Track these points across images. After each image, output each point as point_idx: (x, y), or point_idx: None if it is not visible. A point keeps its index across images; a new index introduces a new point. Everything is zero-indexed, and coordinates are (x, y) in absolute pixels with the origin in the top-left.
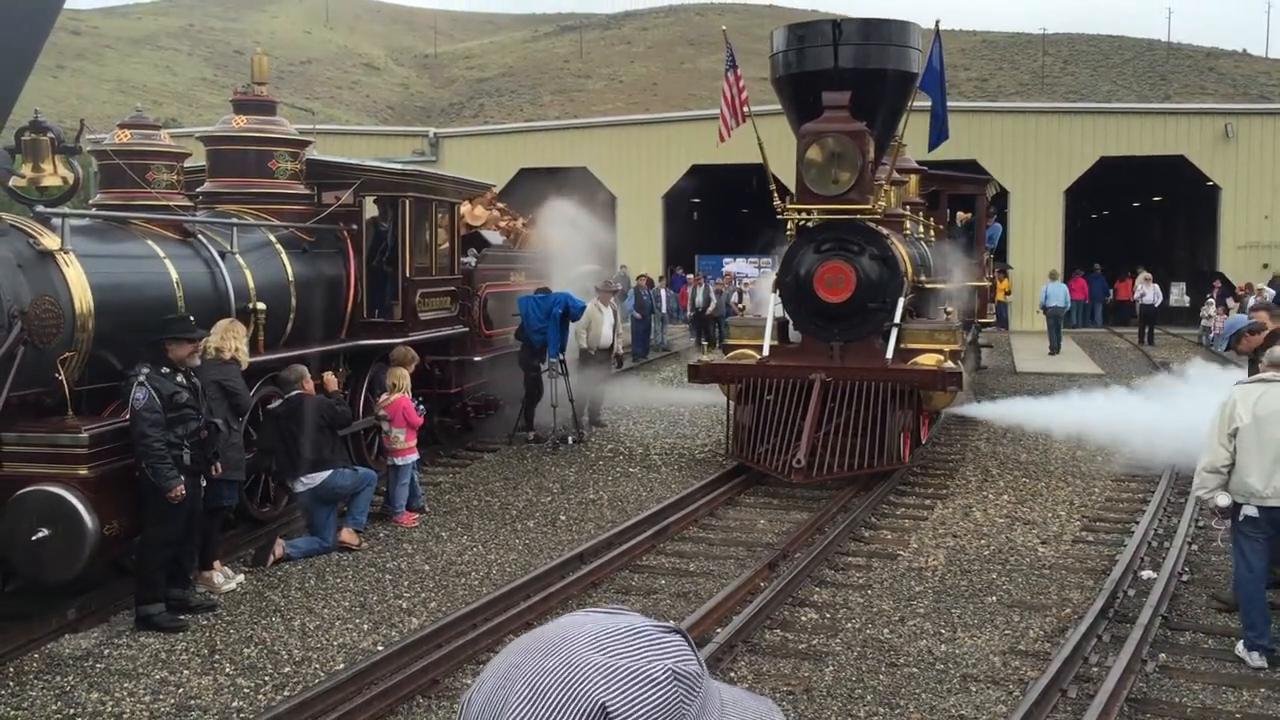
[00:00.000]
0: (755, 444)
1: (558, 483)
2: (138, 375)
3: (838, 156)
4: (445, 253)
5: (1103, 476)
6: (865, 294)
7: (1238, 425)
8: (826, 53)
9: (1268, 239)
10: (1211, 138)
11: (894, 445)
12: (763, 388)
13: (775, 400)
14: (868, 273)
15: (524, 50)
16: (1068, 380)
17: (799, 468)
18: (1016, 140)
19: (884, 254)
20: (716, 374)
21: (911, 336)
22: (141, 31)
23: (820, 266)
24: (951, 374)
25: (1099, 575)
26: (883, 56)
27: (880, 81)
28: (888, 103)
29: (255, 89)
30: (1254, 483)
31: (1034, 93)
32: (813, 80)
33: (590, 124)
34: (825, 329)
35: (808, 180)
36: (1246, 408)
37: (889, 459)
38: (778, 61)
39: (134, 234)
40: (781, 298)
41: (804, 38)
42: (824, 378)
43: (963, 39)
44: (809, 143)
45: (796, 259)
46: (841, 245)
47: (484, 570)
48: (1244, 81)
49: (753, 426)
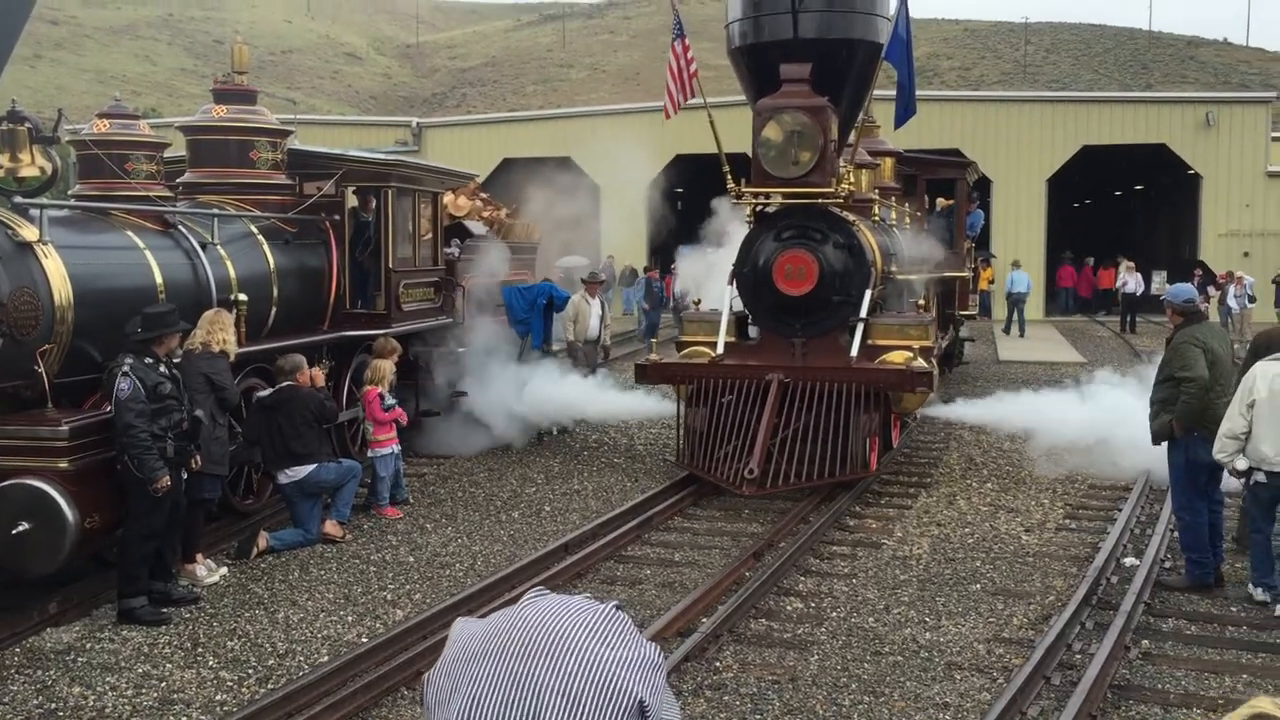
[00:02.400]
0: (710, 451)
1: (542, 473)
2: (121, 366)
3: (797, 135)
4: (428, 243)
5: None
6: (829, 286)
7: (1255, 398)
8: (785, 21)
9: (1248, 227)
10: (1193, 126)
11: (859, 452)
12: (717, 389)
13: (731, 403)
14: (831, 263)
15: (507, 40)
16: (1050, 369)
17: (751, 478)
18: (999, 129)
19: (849, 242)
20: (666, 374)
21: (880, 332)
22: (120, 21)
23: (780, 256)
24: (921, 373)
25: (1082, 563)
26: (847, 25)
27: (844, 53)
28: (853, 76)
29: (235, 78)
30: (1267, 450)
31: (1017, 82)
32: (770, 51)
33: (573, 114)
34: (786, 324)
35: (765, 161)
36: (1265, 383)
37: (854, 467)
38: (733, 31)
39: (113, 225)
40: (739, 290)
41: (760, 4)
42: (782, 378)
43: (945, 28)
44: (766, 119)
45: (755, 248)
46: (803, 233)
47: (469, 561)
48: (1225, 70)
49: (706, 432)
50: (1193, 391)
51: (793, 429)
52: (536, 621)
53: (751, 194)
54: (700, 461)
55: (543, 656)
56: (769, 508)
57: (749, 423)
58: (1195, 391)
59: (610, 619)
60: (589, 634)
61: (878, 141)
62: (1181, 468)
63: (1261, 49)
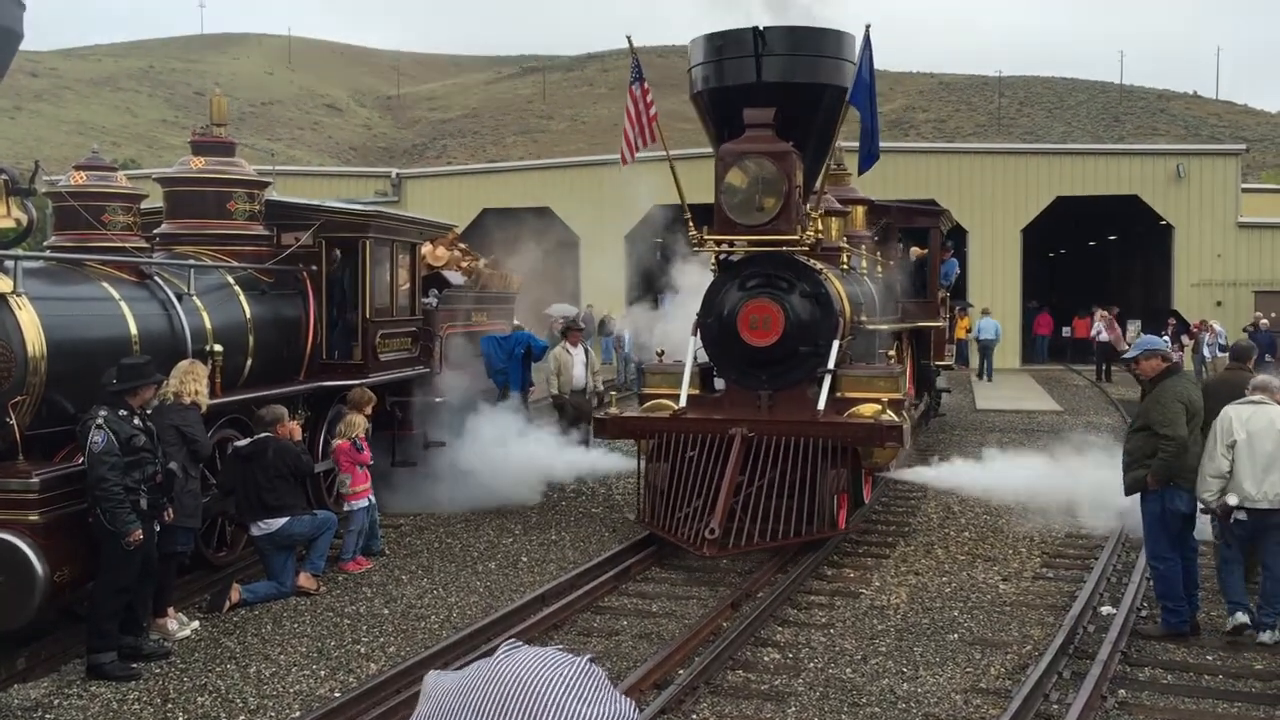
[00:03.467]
0: (671, 508)
1: (519, 524)
2: (95, 418)
3: (761, 181)
4: (406, 293)
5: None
6: (795, 336)
7: (1236, 439)
8: (748, 65)
9: (1220, 277)
10: (1164, 178)
11: (827, 509)
12: (679, 444)
13: (694, 458)
14: (798, 312)
15: (487, 91)
16: (1027, 417)
17: (712, 538)
18: (975, 180)
19: (816, 291)
20: (625, 429)
21: (849, 384)
22: (101, 73)
23: (744, 306)
24: (890, 427)
25: (1059, 611)
26: (812, 69)
27: (809, 97)
28: (818, 121)
29: (214, 130)
30: (1249, 488)
31: (991, 134)
32: (733, 96)
33: (553, 164)
34: (751, 376)
35: (728, 208)
36: (1241, 425)
37: (821, 525)
38: (695, 76)
39: (88, 276)
40: (703, 341)
41: (723, 48)
42: (745, 432)
43: (921, 81)
44: (728, 165)
45: (719, 297)
46: (769, 282)
47: (444, 613)
48: (1195, 123)
49: (667, 489)
50: (1171, 450)
51: (756, 486)
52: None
53: (715, 241)
54: (661, 520)
55: (518, 712)
56: (747, 557)
57: (712, 479)
58: (1174, 450)
59: (585, 674)
60: (565, 689)
61: (849, 189)
62: (1157, 517)
63: (1230, 102)
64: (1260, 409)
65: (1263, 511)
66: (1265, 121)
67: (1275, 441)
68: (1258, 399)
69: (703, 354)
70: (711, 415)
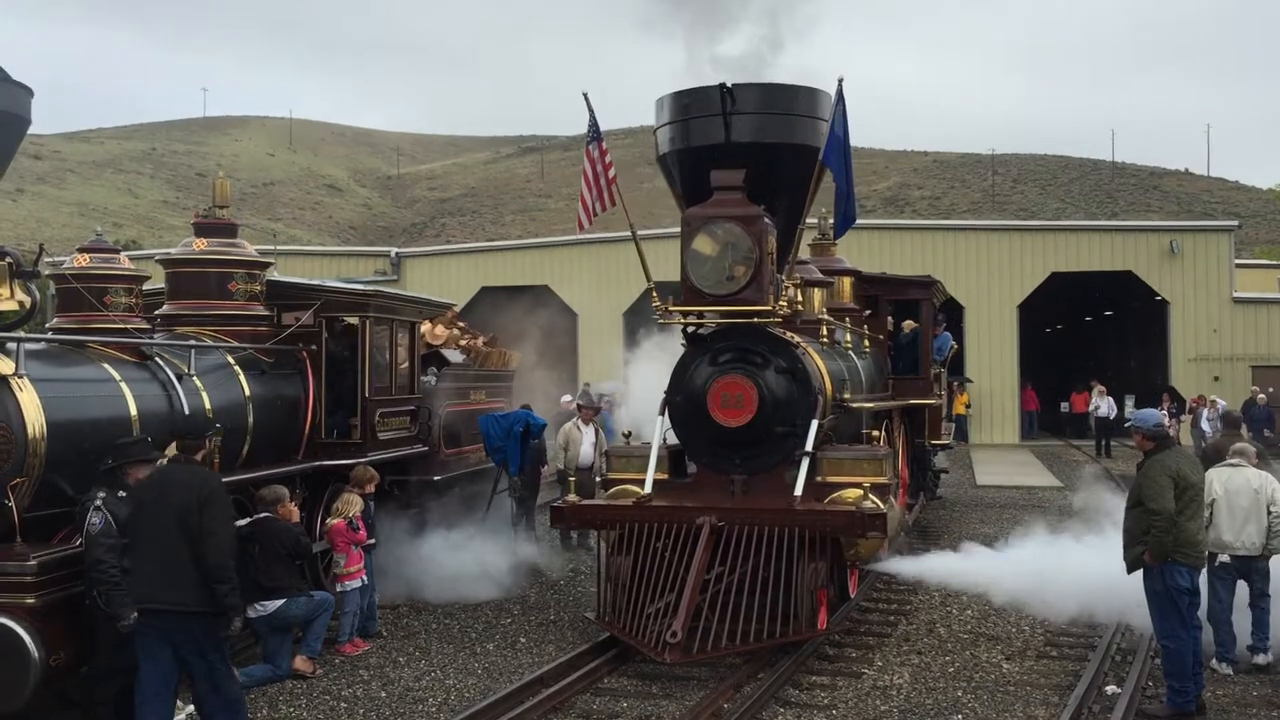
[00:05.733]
0: (636, 606)
1: (518, 604)
2: (93, 500)
3: (730, 247)
4: (405, 372)
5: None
6: (771, 416)
7: (1214, 497)
8: (716, 124)
9: (1217, 352)
10: (1158, 254)
11: (805, 608)
12: (643, 534)
13: (660, 550)
14: (773, 390)
15: (486, 171)
16: (1028, 493)
17: (674, 643)
18: (970, 257)
19: (793, 366)
20: (584, 518)
21: (830, 467)
22: (104, 155)
23: (715, 382)
24: (871, 516)
25: (1064, 691)
26: (785, 128)
27: (782, 157)
28: (792, 183)
29: (216, 212)
30: (1227, 538)
31: (986, 211)
32: (701, 157)
33: (551, 243)
34: (724, 459)
35: (695, 277)
36: (1220, 484)
37: (799, 626)
38: (661, 137)
39: (89, 357)
40: (671, 420)
41: (689, 106)
42: (714, 521)
43: (915, 159)
44: (695, 230)
45: (689, 373)
46: (741, 356)
47: (442, 696)
48: (1187, 200)
49: (630, 584)
50: (1160, 525)
51: (725, 583)
52: None
53: (681, 313)
54: (624, 619)
55: None
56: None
57: (679, 574)
58: (1162, 525)
59: None
60: None
61: (835, 260)
62: (1161, 595)
63: (1222, 179)
64: (1237, 470)
65: (1242, 558)
66: (1256, 198)
67: (1250, 499)
68: (1235, 462)
69: (673, 435)
70: (681, 502)
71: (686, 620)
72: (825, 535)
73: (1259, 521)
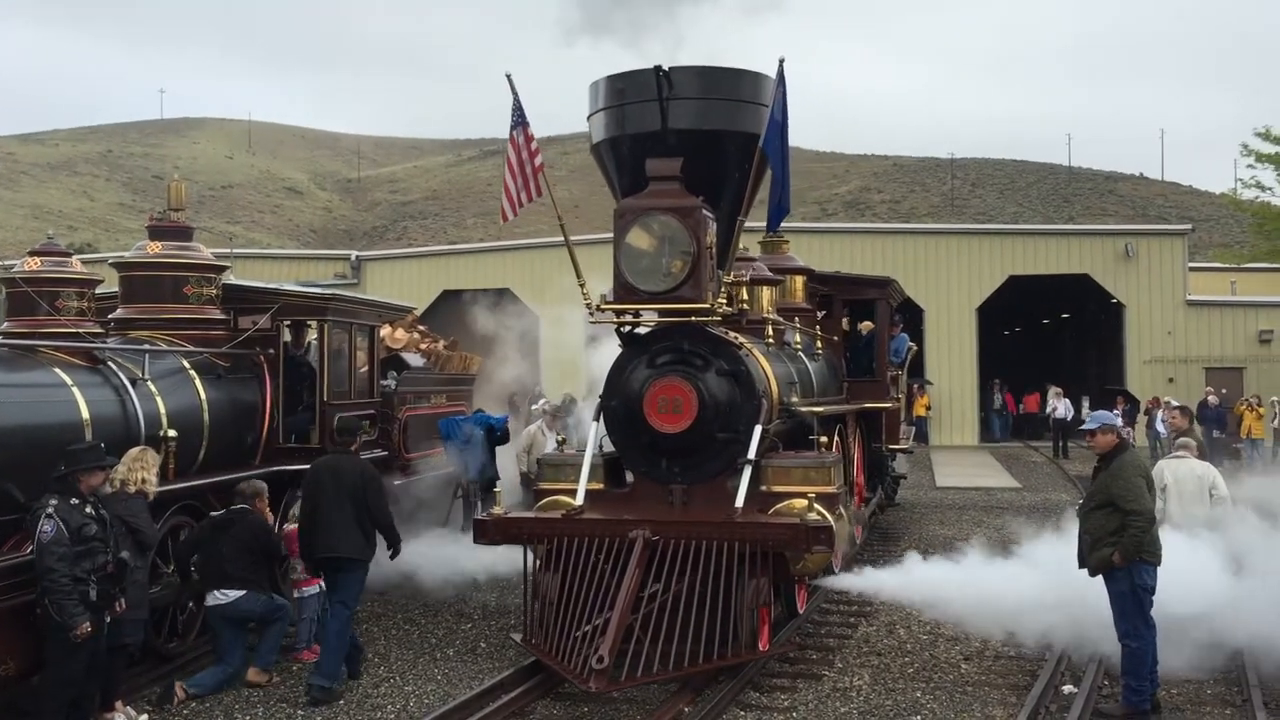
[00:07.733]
0: (564, 627)
1: (478, 609)
2: (45, 507)
3: (667, 241)
4: (364, 376)
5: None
6: (711, 421)
7: (1165, 484)
8: (652, 110)
9: (1171, 354)
10: (1113, 257)
11: (745, 627)
12: (573, 550)
13: (592, 566)
14: (714, 394)
15: (447, 174)
16: (986, 494)
17: (600, 668)
18: (929, 260)
19: (735, 369)
20: (508, 532)
21: (775, 476)
22: (59, 157)
23: (651, 386)
24: (817, 529)
25: (1021, 691)
26: (726, 115)
27: (723, 146)
28: (733, 173)
29: (171, 215)
30: (1176, 520)
31: (945, 214)
32: (636, 146)
33: (513, 245)
34: (662, 468)
35: (629, 273)
36: (1170, 473)
37: (739, 647)
38: (594, 124)
39: (41, 362)
40: (607, 426)
41: (624, 91)
42: (648, 535)
43: (875, 163)
44: (628, 223)
45: (625, 376)
46: (681, 358)
47: (401, 702)
48: (1142, 203)
49: (557, 603)
50: (1140, 524)
51: (660, 601)
52: None
53: (615, 311)
54: (551, 641)
55: None
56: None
57: (610, 592)
58: (1142, 524)
59: None
60: None
61: (787, 258)
62: (1127, 595)
63: (1176, 183)
64: (1183, 462)
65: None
66: (1209, 202)
67: (1195, 484)
68: (1180, 454)
69: (609, 442)
70: (615, 514)
71: (615, 644)
72: (767, 549)
73: (1203, 505)
